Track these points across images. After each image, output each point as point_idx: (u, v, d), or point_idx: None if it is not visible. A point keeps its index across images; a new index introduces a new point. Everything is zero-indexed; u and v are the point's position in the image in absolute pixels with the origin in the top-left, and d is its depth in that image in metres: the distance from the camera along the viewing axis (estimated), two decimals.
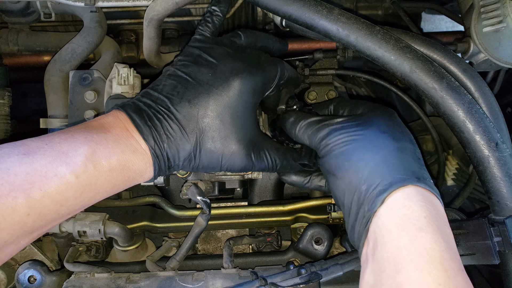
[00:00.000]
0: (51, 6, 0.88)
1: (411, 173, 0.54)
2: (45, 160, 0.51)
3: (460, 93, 0.62)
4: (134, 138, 0.59)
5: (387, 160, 0.56)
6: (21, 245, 0.52)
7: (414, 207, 0.51)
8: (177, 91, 0.63)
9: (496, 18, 0.74)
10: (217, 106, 0.63)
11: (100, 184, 0.55)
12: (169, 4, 0.73)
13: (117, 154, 0.56)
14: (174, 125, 0.62)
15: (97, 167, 0.54)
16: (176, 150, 0.62)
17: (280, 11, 0.66)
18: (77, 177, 0.52)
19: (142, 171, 0.60)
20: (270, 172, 0.84)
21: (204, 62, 0.65)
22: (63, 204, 0.52)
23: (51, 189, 0.50)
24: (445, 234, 0.50)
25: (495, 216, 0.63)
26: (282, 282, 0.69)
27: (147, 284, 0.74)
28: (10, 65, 0.97)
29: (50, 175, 0.50)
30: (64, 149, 0.53)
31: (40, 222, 0.50)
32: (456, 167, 1.02)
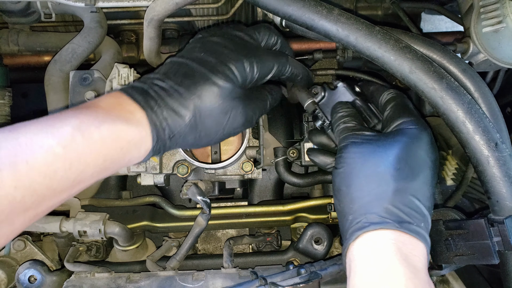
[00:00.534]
0: (51, 7, 0.88)
1: (396, 217, 0.57)
2: (30, 133, 0.49)
3: (460, 93, 0.62)
4: (127, 109, 0.58)
5: (379, 199, 0.58)
6: (16, 226, 0.50)
7: (384, 246, 0.55)
8: (172, 68, 0.64)
9: (496, 18, 0.74)
10: (212, 75, 0.63)
11: (90, 156, 0.52)
12: (169, 5, 0.73)
13: (108, 123, 0.54)
14: (171, 95, 0.61)
15: (86, 137, 0.52)
16: (176, 117, 0.60)
17: (280, 11, 0.66)
18: (64, 148, 0.50)
19: (137, 141, 0.57)
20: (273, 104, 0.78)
21: (197, 51, 0.66)
22: (52, 177, 0.49)
23: (37, 161, 0.48)
24: (413, 267, 0.53)
25: (495, 216, 0.63)
26: (282, 282, 0.69)
27: (147, 283, 0.74)
28: (10, 65, 0.98)
29: (36, 147, 0.48)
30: (50, 122, 0.51)
31: (31, 198, 0.48)
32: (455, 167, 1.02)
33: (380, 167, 0.61)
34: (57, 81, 0.85)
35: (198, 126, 0.63)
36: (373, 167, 0.61)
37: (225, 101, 0.63)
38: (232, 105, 0.64)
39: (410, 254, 0.54)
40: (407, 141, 0.64)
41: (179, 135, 0.62)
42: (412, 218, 0.57)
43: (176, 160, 0.83)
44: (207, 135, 0.64)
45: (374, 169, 0.61)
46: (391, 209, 0.57)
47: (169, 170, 0.83)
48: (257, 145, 0.85)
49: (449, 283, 0.90)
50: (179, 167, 0.82)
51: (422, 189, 0.61)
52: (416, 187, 0.60)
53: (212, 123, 0.64)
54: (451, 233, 0.66)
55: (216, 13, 0.94)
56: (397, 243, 0.54)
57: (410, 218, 0.57)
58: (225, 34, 0.69)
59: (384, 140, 0.65)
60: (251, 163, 0.83)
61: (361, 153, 0.64)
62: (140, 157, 0.60)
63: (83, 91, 0.80)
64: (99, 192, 0.95)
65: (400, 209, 0.57)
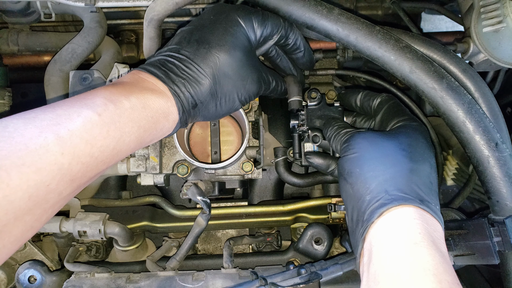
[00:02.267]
0: (51, 6, 0.88)
1: (416, 195, 0.55)
2: (66, 105, 0.52)
3: (460, 93, 0.62)
4: (151, 82, 0.61)
5: (396, 178, 0.57)
6: (64, 196, 0.51)
7: (410, 224, 0.52)
8: (184, 37, 0.66)
9: (496, 18, 0.74)
10: (224, 39, 0.65)
11: (124, 122, 0.55)
12: (169, 4, 0.73)
13: (135, 93, 0.57)
14: (188, 64, 0.63)
15: (118, 105, 0.55)
16: (196, 86, 0.63)
17: (280, 11, 0.66)
18: (100, 115, 0.52)
19: (165, 111, 0.60)
20: (278, 95, 0.82)
21: (206, 17, 0.69)
22: (93, 144, 0.51)
23: (78, 127, 0.50)
24: (440, 251, 0.51)
25: (495, 216, 0.63)
26: (282, 282, 0.69)
27: (147, 284, 0.74)
28: (10, 65, 0.98)
29: (74, 116, 0.51)
30: (82, 96, 0.54)
31: (76, 166, 0.49)
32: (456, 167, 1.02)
33: (391, 150, 0.61)
34: (57, 81, 0.85)
35: (218, 92, 0.65)
36: (383, 150, 0.62)
37: (242, 64, 0.66)
38: (248, 70, 0.67)
39: (434, 236, 0.52)
40: (410, 132, 0.66)
41: (201, 103, 0.64)
42: (430, 198, 0.56)
43: (176, 160, 0.83)
44: (227, 102, 0.67)
45: (385, 151, 0.61)
46: (410, 186, 0.56)
47: (169, 170, 0.83)
48: (257, 145, 0.85)
49: None
50: (179, 167, 0.82)
51: (432, 174, 0.61)
52: (428, 170, 0.60)
53: (231, 88, 0.66)
54: (452, 233, 0.66)
55: None
56: (423, 223, 0.52)
57: (428, 197, 0.56)
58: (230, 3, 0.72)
59: (388, 133, 0.67)
60: (251, 163, 0.83)
61: (369, 139, 0.65)
62: (170, 128, 0.63)
63: (83, 91, 0.80)
64: (99, 192, 0.95)
65: (419, 187, 0.57)
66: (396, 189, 0.56)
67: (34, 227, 0.48)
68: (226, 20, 0.66)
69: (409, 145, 0.63)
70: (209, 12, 0.69)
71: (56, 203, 0.50)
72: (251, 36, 0.68)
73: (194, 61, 0.63)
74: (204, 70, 0.63)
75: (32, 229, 0.48)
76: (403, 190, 0.55)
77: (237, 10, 0.68)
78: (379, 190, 0.56)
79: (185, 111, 0.63)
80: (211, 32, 0.65)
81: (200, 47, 0.64)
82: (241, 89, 0.67)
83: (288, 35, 0.73)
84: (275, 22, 0.70)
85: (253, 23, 0.68)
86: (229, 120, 0.88)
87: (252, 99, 0.72)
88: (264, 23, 0.68)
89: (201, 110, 0.66)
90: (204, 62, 0.63)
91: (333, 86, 0.93)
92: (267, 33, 0.70)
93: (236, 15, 0.67)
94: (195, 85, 0.63)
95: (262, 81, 0.71)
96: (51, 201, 0.48)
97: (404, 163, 0.59)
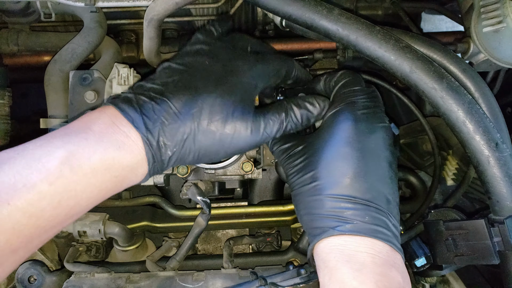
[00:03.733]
0: (51, 6, 0.88)
1: (336, 223, 0.57)
2: (14, 170, 0.46)
3: (460, 93, 0.62)
4: (121, 131, 0.54)
5: (317, 212, 0.59)
6: (6, 266, 0.47)
7: (328, 252, 0.57)
8: (172, 79, 0.59)
9: (496, 18, 0.74)
10: (215, 88, 0.59)
11: (81, 189, 0.49)
12: (169, 4, 0.73)
13: (99, 152, 0.51)
14: (167, 109, 0.56)
15: (75, 170, 0.48)
16: (171, 133, 0.55)
17: (280, 11, 0.66)
18: (51, 184, 0.47)
19: (133, 167, 0.54)
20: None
21: (201, 52, 0.63)
22: (40, 216, 0.46)
23: (20, 201, 0.45)
24: (360, 264, 0.54)
25: (495, 216, 0.63)
26: (282, 282, 0.69)
27: (147, 284, 0.74)
28: (10, 65, 0.97)
29: (19, 186, 0.45)
30: (37, 155, 0.48)
31: (17, 239, 0.46)
32: (456, 167, 1.02)
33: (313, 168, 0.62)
34: (57, 81, 0.85)
35: (198, 143, 0.58)
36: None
37: (229, 118, 0.58)
38: (239, 124, 0.59)
39: (354, 253, 0.55)
40: (343, 128, 0.63)
41: (178, 152, 0.57)
42: (350, 217, 0.57)
43: None
44: (207, 154, 0.59)
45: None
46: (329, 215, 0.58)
47: (169, 170, 0.83)
48: None
49: (449, 283, 0.90)
50: (179, 167, 0.82)
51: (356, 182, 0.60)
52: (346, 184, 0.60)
53: (213, 142, 0.58)
54: (452, 233, 0.66)
55: (216, 13, 0.94)
56: (338, 247, 0.55)
57: (346, 218, 0.57)
58: (228, 41, 0.67)
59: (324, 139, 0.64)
60: (251, 163, 0.83)
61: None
62: (137, 181, 0.57)
63: (83, 91, 0.80)
64: None
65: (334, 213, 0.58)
66: (318, 225, 0.58)
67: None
68: (222, 69, 0.61)
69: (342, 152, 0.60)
70: (205, 58, 0.62)
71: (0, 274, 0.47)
72: (248, 97, 0.61)
73: (175, 107, 0.56)
74: (184, 116, 0.56)
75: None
76: (323, 224, 0.58)
77: (242, 57, 0.63)
78: (309, 230, 0.60)
79: (156, 162, 0.56)
80: (202, 79, 0.59)
81: (186, 93, 0.58)
82: (224, 144, 0.59)
83: (290, 73, 0.70)
84: (276, 68, 0.66)
85: (253, 80, 0.62)
86: None
87: (242, 152, 0.65)
88: (265, 75, 0.64)
89: (177, 160, 0.58)
90: (186, 112, 0.56)
91: None
92: (267, 84, 0.66)
93: (235, 62, 0.62)
94: (169, 130, 0.55)
95: (257, 132, 0.61)
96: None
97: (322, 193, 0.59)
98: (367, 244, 0.55)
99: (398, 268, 0.55)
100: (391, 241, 0.56)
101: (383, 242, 0.55)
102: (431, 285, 0.89)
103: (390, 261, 0.55)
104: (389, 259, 0.55)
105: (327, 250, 0.56)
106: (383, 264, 0.54)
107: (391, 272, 0.54)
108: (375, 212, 0.57)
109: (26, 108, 1.24)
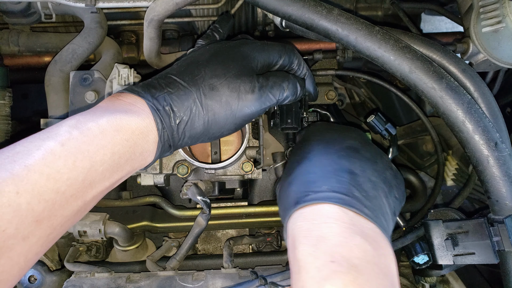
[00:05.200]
0: (51, 7, 0.88)
1: (302, 194, 0.56)
2: (27, 141, 0.47)
3: (460, 93, 0.62)
4: (127, 102, 0.55)
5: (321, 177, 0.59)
6: (32, 242, 0.44)
7: (292, 228, 0.54)
8: (177, 66, 0.63)
9: (495, 18, 0.74)
10: (215, 57, 0.62)
11: (94, 150, 0.49)
12: (169, 5, 0.74)
13: (106, 116, 0.52)
14: (172, 81, 0.58)
15: (84, 132, 0.49)
16: (177, 100, 0.57)
17: (280, 11, 0.66)
18: (63, 145, 0.47)
19: (142, 130, 0.54)
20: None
21: (201, 51, 0.66)
22: (58, 179, 0.46)
23: (36, 161, 0.45)
24: (316, 238, 0.50)
25: (495, 216, 0.63)
26: (282, 281, 0.69)
27: (147, 283, 0.74)
28: (10, 66, 0.98)
29: (33, 149, 0.46)
30: (47, 129, 0.49)
31: (38, 204, 0.44)
32: (456, 167, 1.02)
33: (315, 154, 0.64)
34: (58, 82, 0.85)
35: (206, 107, 0.58)
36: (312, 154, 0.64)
37: (234, 76, 0.60)
38: (243, 86, 0.60)
39: (311, 226, 0.51)
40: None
41: (186, 118, 0.58)
42: (312, 188, 0.56)
43: (176, 160, 0.83)
44: (216, 121, 0.60)
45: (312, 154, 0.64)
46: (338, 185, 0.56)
47: (169, 170, 0.83)
48: (257, 145, 0.85)
49: (449, 283, 0.90)
50: (179, 167, 0.82)
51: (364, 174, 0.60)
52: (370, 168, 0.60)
53: (220, 105, 0.59)
54: (451, 233, 0.66)
55: (216, 13, 0.94)
56: (298, 223, 0.53)
57: (307, 192, 0.56)
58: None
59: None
60: (251, 163, 0.83)
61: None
62: (152, 151, 0.57)
63: (84, 91, 0.80)
64: None
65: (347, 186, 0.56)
66: (292, 200, 0.56)
67: (4, 280, 0.43)
68: (220, 45, 0.64)
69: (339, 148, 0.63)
70: (205, 49, 0.66)
71: (25, 251, 0.44)
72: (248, 67, 0.63)
73: (178, 76, 0.59)
74: (187, 81, 0.58)
75: (3, 283, 0.43)
76: (294, 199, 0.56)
77: (244, 44, 0.66)
78: (287, 207, 0.57)
79: (165, 127, 0.56)
80: (202, 55, 0.63)
81: (188, 66, 0.61)
82: (231, 107, 0.60)
83: (292, 60, 0.70)
84: (275, 49, 0.68)
85: (250, 54, 0.64)
86: None
87: (249, 120, 0.64)
88: (262, 53, 0.65)
89: (187, 127, 0.58)
90: (189, 76, 0.59)
91: (332, 87, 0.93)
92: (266, 61, 0.66)
93: (235, 48, 0.64)
94: (175, 97, 0.57)
95: (264, 92, 0.63)
96: (16, 248, 0.43)
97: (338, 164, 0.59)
98: (325, 213, 0.51)
99: (365, 236, 0.49)
100: (356, 206, 0.52)
101: (345, 207, 0.51)
102: (431, 285, 0.89)
103: (353, 228, 0.50)
104: (352, 226, 0.50)
105: (290, 232, 0.53)
106: (342, 233, 0.49)
107: (354, 239, 0.48)
108: (336, 182, 0.55)
109: (26, 109, 1.24)
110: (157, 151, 0.57)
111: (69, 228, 0.52)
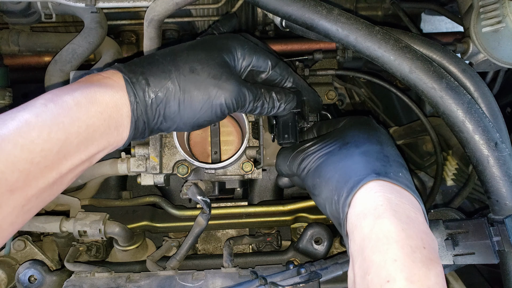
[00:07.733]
0: (52, 7, 0.88)
1: (371, 170, 0.58)
2: (3, 114, 0.48)
3: (460, 93, 0.62)
4: (104, 75, 0.56)
5: (349, 166, 0.61)
6: (6, 211, 0.45)
7: (371, 199, 0.54)
8: (161, 50, 0.64)
9: (495, 18, 0.74)
10: (202, 45, 0.63)
11: (69, 122, 0.49)
12: (169, 5, 0.74)
13: (81, 89, 0.52)
14: (155, 60, 0.59)
15: (59, 103, 0.49)
16: (155, 75, 0.57)
17: (280, 11, 0.66)
18: (38, 116, 0.47)
19: (116, 103, 0.54)
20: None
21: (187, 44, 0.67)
22: (32, 149, 0.46)
23: (10, 132, 0.45)
24: (406, 217, 0.52)
25: (495, 216, 0.63)
26: (282, 281, 0.69)
27: (147, 283, 0.74)
28: (11, 66, 0.98)
29: (8, 120, 0.47)
30: (24, 104, 0.50)
31: (12, 174, 0.44)
32: (455, 167, 1.02)
33: (337, 150, 0.66)
34: (58, 81, 0.85)
35: (183, 87, 0.58)
36: (332, 154, 0.66)
37: (214, 64, 0.60)
38: (223, 71, 0.61)
39: (397, 204, 0.54)
40: (350, 126, 0.71)
41: (162, 95, 0.57)
42: (388, 169, 0.59)
43: (176, 160, 0.83)
44: (192, 102, 0.59)
45: (333, 153, 0.66)
46: (364, 166, 0.59)
47: (169, 170, 0.83)
48: (257, 145, 0.85)
49: (449, 283, 0.90)
50: (179, 167, 0.82)
51: (385, 147, 0.65)
52: (377, 147, 0.64)
53: (199, 90, 0.59)
54: (451, 233, 0.66)
55: (216, 13, 0.94)
56: (385, 194, 0.54)
57: (386, 169, 0.59)
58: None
59: (327, 138, 0.70)
60: (251, 163, 0.83)
61: (316, 153, 0.69)
62: (125, 125, 0.56)
63: None
64: (99, 192, 0.96)
65: (372, 163, 0.60)
66: (352, 175, 0.58)
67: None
68: (211, 43, 0.65)
69: (351, 136, 0.67)
70: (196, 39, 0.67)
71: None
72: (232, 61, 0.64)
73: (160, 56, 0.60)
74: (168, 61, 0.59)
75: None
76: (358, 173, 0.58)
77: (222, 38, 0.67)
78: (340, 185, 0.59)
79: (138, 101, 0.55)
80: (190, 46, 0.64)
81: (174, 50, 0.62)
82: (208, 95, 0.59)
83: (283, 76, 0.71)
84: (268, 56, 0.68)
85: (237, 50, 0.65)
86: (229, 120, 0.88)
87: (234, 106, 0.62)
88: (251, 55, 0.66)
89: (161, 104, 0.57)
90: (171, 57, 0.60)
91: (333, 87, 0.93)
92: (253, 64, 0.67)
93: (223, 39, 0.66)
94: (153, 73, 0.57)
95: (245, 88, 0.63)
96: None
97: (352, 151, 0.63)
98: (408, 199, 0.56)
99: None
100: (420, 202, 0.57)
101: (417, 200, 0.57)
102: None
103: (426, 220, 0.56)
104: (424, 219, 0.55)
105: (370, 196, 0.54)
106: (424, 222, 0.54)
107: (430, 232, 0.53)
108: (405, 171, 0.60)
109: None
110: (131, 125, 0.57)
111: (47, 202, 0.51)
